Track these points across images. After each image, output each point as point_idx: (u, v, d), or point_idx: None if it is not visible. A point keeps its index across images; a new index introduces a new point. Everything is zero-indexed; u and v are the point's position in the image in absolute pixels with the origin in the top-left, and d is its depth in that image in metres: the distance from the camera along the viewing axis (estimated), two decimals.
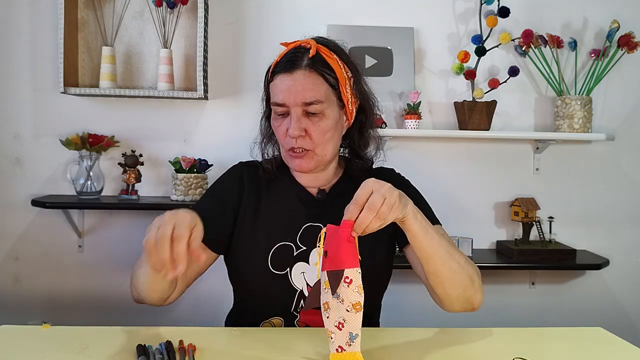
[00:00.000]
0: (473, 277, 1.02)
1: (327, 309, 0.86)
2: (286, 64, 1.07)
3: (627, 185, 2.18)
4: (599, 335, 1.08)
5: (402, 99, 2.05)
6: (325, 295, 0.86)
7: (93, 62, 1.99)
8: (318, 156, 1.10)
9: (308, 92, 1.05)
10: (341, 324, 0.85)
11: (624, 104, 2.15)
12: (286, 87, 1.06)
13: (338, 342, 0.86)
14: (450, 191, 2.13)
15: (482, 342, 1.03)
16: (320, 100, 1.06)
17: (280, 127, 1.10)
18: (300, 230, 1.12)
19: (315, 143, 1.08)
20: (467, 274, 1.00)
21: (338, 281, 0.84)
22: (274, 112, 1.11)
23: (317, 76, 1.07)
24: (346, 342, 0.86)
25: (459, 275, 0.99)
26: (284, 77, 1.07)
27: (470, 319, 2.13)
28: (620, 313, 2.21)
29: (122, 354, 0.91)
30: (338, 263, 0.84)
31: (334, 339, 0.86)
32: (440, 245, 0.97)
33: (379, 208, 0.84)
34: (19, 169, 2.02)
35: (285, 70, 1.07)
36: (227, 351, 0.94)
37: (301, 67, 1.06)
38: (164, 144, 2.05)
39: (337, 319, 0.85)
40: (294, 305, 1.10)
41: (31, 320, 1.10)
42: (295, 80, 1.05)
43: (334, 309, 0.85)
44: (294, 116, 1.06)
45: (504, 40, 1.99)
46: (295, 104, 1.06)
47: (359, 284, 0.84)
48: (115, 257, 2.05)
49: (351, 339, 0.85)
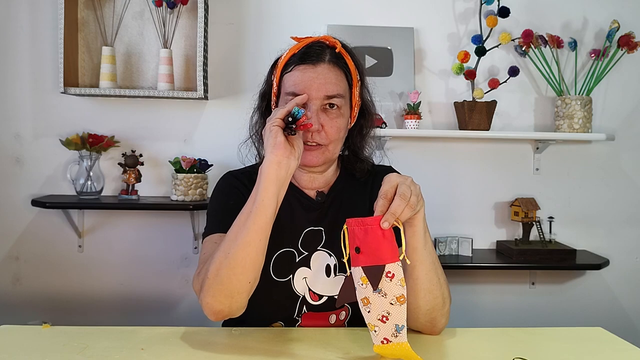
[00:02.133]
0: (445, 300, 1.02)
1: (367, 303, 0.86)
2: (308, 56, 1.07)
3: (627, 185, 2.18)
4: (599, 335, 1.08)
5: (402, 99, 2.05)
6: (364, 291, 0.86)
7: (93, 62, 1.99)
8: (329, 153, 1.09)
9: (331, 86, 1.06)
10: (385, 317, 0.85)
11: (624, 104, 2.16)
12: (308, 79, 1.05)
13: (383, 335, 0.86)
14: (450, 191, 2.13)
15: (482, 342, 1.02)
16: (342, 95, 1.07)
17: None
18: (301, 235, 1.12)
19: (329, 139, 1.07)
20: (442, 292, 1.01)
21: (379, 276, 0.84)
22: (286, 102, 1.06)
23: (340, 72, 1.08)
24: (392, 333, 0.86)
25: (435, 290, 0.99)
26: (307, 69, 1.06)
27: (471, 319, 2.15)
28: (620, 313, 2.21)
29: (122, 354, 0.91)
30: (376, 259, 0.84)
31: (377, 332, 0.86)
32: (430, 253, 0.98)
33: (409, 198, 0.85)
34: (19, 169, 2.02)
35: (307, 61, 1.06)
36: (227, 351, 0.94)
37: (325, 61, 1.07)
38: (164, 144, 2.05)
39: (381, 313, 0.85)
40: (297, 311, 1.09)
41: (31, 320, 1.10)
42: (318, 73, 1.05)
43: (376, 303, 0.85)
44: (314, 109, 1.05)
45: (504, 40, 1.99)
46: (317, 97, 1.05)
47: (401, 277, 0.84)
48: (115, 257, 2.05)
49: (397, 331, 0.86)
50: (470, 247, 2.05)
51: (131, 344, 0.96)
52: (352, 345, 0.98)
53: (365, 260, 0.85)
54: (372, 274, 0.85)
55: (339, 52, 1.09)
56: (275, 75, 1.12)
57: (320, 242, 1.12)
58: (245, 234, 0.94)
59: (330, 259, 1.10)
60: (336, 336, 1.03)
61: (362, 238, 0.85)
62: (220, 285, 0.95)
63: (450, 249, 2.06)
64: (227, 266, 0.94)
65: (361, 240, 0.85)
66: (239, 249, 0.94)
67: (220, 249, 0.97)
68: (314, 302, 1.09)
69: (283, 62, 1.09)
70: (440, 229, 2.11)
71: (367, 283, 0.85)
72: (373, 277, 0.84)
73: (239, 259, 0.94)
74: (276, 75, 1.11)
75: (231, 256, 0.94)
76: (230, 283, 0.95)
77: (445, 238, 2.07)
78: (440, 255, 2.04)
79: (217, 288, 0.95)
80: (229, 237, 0.97)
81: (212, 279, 0.96)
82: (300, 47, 1.08)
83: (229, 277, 0.95)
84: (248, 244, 0.94)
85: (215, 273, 0.95)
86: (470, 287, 2.17)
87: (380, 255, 0.84)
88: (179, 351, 0.93)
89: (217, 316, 0.98)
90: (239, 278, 0.95)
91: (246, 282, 0.96)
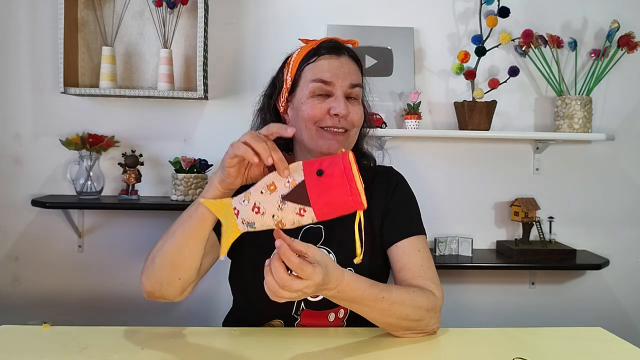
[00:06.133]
0: (421, 318, 1.00)
1: (272, 191, 0.80)
2: (332, 49, 1.13)
3: (627, 185, 2.18)
4: (599, 335, 1.08)
5: (402, 99, 2.05)
6: (281, 183, 0.80)
7: (93, 62, 1.99)
8: (351, 138, 1.13)
9: (354, 76, 1.13)
10: (258, 209, 0.80)
11: (624, 104, 2.16)
12: (335, 67, 1.11)
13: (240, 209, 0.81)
14: (451, 191, 2.13)
15: (482, 342, 1.03)
16: (362, 85, 1.15)
17: (319, 105, 1.09)
18: (300, 232, 1.12)
19: (353, 124, 1.11)
20: (412, 319, 0.99)
21: (297, 201, 0.78)
22: (310, 91, 1.10)
23: (357, 66, 1.16)
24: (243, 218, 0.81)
25: (398, 324, 1.00)
26: (332, 59, 1.12)
27: (470, 319, 2.15)
28: (620, 313, 2.21)
29: (122, 354, 0.91)
30: (316, 198, 0.78)
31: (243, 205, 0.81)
32: (372, 311, 0.96)
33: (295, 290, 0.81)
34: (19, 169, 2.02)
35: (332, 53, 1.12)
36: (227, 351, 0.95)
37: (346, 54, 1.14)
38: (164, 144, 2.05)
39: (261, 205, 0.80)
40: (295, 308, 1.10)
41: (31, 320, 1.10)
42: (343, 63, 1.12)
43: (270, 198, 0.79)
44: (340, 94, 1.09)
45: (504, 40, 1.99)
46: (342, 85, 1.10)
47: (303, 224, 0.80)
48: (115, 257, 2.05)
49: (248, 225, 0.81)
50: (470, 247, 2.05)
51: (131, 344, 0.96)
52: (351, 345, 0.98)
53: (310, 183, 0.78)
54: (299, 194, 0.78)
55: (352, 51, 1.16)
56: (289, 71, 1.15)
57: (319, 239, 1.12)
58: (180, 234, 0.97)
59: (328, 256, 1.10)
60: (335, 336, 1.03)
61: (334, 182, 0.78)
62: (152, 272, 1.00)
63: (450, 249, 2.06)
64: (160, 257, 0.99)
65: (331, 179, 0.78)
66: (173, 247, 0.98)
67: (162, 237, 1.01)
68: (312, 299, 1.09)
69: (301, 56, 1.14)
70: (440, 229, 2.11)
71: (290, 187, 0.79)
72: (295, 194, 0.78)
73: (171, 256, 0.98)
74: (291, 70, 1.14)
75: (165, 250, 0.99)
76: (161, 273, 0.99)
77: (445, 238, 2.07)
78: (440, 255, 2.04)
79: (150, 271, 1.01)
80: (170, 230, 1.00)
81: (149, 261, 1.02)
82: (317, 43, 1.14)
83: (160, 267, 0.99)
84: (181, 245, 0.97)
85: (152, 259, 1.01)
86: (470, 287, 2.17)
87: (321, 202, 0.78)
88: (179, 351, 0.93)
89: (149, 296, 1.03)
90: (169, 272, 0.99)
91: (176, 278, 0.99)
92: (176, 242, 0.97)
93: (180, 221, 0.98)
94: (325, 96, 1.10)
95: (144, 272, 1.02)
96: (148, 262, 1.02)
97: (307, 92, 1.10)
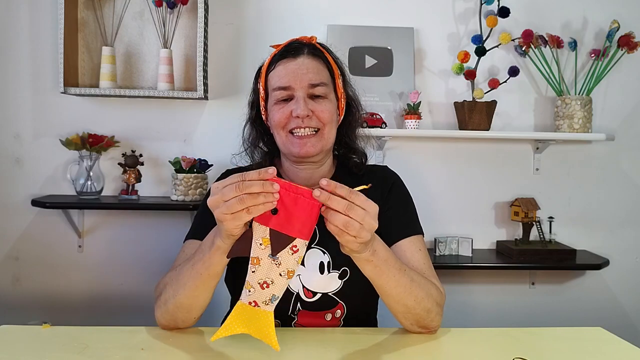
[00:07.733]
0: (430, 309, 1.01)
1: (255, 263, 0.83)
2: (288, 52, 1.12)
3: (627, 185, 2.18)
4: (599, 335, 1.08)
5: (402, 99, 2.05)
6: (260, 251, 0.82)
7: (93, 62, 1.99)
8: (324, 138, 1.12)
9: (313, 75, 1.10)
10: (267, 284, 0.83)
11: (624, 104, 2.16)
12: (292, 71, 1.10)
13: (255, 298, 0.84)
14: (451, 191, 2.13)
15: (482, 342, 1.03)
16: (325, 83, 1.12)
17: (281, 110, 1.11)
18: None
19: (323, 121, 1.11)
20: (424, 307, 1.00)
21: (283, 245, 0.81)
22: (274, 99, 1.12)
23: (319, 61, 1.13)
24: (265, 301, 0.84)
25: (413, 310, 1.00)
26: (288, 63, 1.11)
27: (470, 319, 2.15)
28: (620, 313, 2.21)
29: (122, 354, 0.91)
30: (291, 229, 0.81)
31: (251, 293, 0.84)
32: (397, 285, 0.96)
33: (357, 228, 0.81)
34: (19, 169, 2.02)
35: (288, 56, 1.11)
36: (226, 351, 0.95)
37: (304, 53, 1.12)
38: (164, 144, 2.05)
39: (264, 279, 0.83)
40: (291, 308, 1.10)
41: (31, 320, 1.11)
42: (300, 65, 1.11)
43: (265, 268, 0.83)
44: (300, 97, 1.09)
45: (504, 40, 1.99)
46: (301, 86, 1.09)
47: (302, 255, 0.83)
48: (115, 257, 2.05)
49: (272, 300, 0.84)
50: (470, 247, 2.05)
51: (131, 344, 0.96)
52: (349, 345, 0.98)
53: (277, 225, 0.81)
54: (278, 240, 0.81)
55: (316, 46, 1.14)
56: (260, 81, 1.17)
57: (314, 239, 1.12)
58: (192, 286, 0.97)
59: (324, 256, 1.11)
60: (333, 336, 1.03)
61: (287, 203, 0.80)
62: (167, 313, 1.02)
63: (450, 249, 2.06)
64: (173, 304, 1.00)
65: (285, 205, 0.81)
66: (186, 298, 0.98)
67: (172, 284, 1.01)
68: (308, 299, 1.10)
69: (266, 65, 1.15)
70: (440, 229, 2.11)
71: (267, 245, 0.82)
72: (277, 243, 0.81)
73: (186, 305, 0.99)
74: (261, 79, 1.16)
75: (179, 300, 0.99)
76: (176, 316, 1.01)
77: (445, 238, 2.07)
78: (440, 255, 2.04)
79: (164, 311, 1.02)
80: (179, 279, 0.99)
81: (162, 302, 1.02)
82: (280, 48, 1.14)
83: (174, 312, 1.01)
84: (195, 297, 0.98)
85: (164, 302, 1.01)
86: (470, 287, 2.17)
87: (297, 227, 0.81)
88: (179, 351, 0.94)
89: (164, 328, 1.05)
90: (185, 315, 1.01)
91: (192, 317, 1.02)
92: (188, 295, 0.98)
93: (191, 275, 0.96)
94: (290, 100, 1.11)
95: (158, 310, 1.03)
96: (161, 303, 1.02)
97: (273, 99, 1.13)
